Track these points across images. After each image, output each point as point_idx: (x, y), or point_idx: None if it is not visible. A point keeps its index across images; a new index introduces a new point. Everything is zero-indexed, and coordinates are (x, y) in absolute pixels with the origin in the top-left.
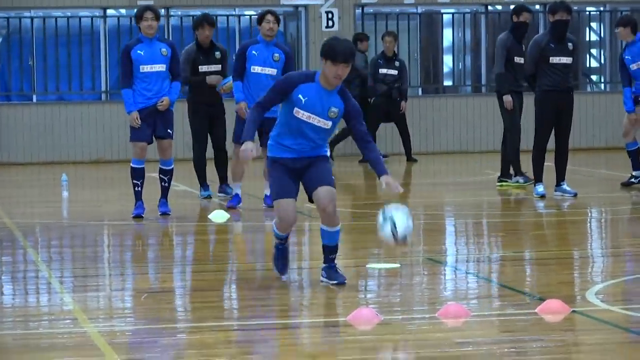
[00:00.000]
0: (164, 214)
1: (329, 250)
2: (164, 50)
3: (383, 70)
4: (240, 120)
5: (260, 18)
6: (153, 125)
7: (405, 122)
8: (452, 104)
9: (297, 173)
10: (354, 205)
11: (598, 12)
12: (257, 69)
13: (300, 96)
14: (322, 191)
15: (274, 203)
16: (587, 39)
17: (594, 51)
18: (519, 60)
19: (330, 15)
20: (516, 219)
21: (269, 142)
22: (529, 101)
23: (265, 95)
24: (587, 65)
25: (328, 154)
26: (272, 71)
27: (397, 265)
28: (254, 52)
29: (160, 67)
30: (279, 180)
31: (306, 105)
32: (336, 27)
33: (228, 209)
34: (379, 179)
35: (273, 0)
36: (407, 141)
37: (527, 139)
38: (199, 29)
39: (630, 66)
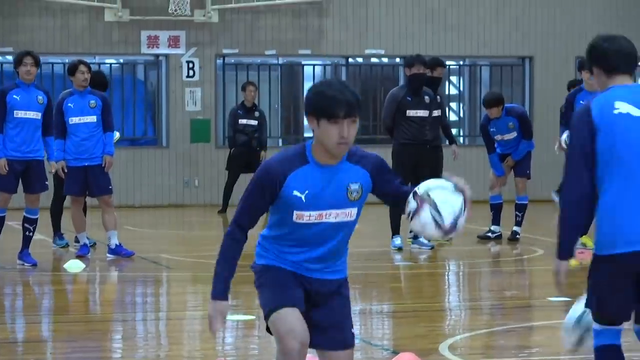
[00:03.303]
0: (34, 265)
1: None
2: (40, 98)
3: (243, 121)
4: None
5: (74, 69)
6: (23, 178)
7: None
8: None
9: (305, 291)
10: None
11: (458, 66)
12: (75, 119)
13: (296, 193)
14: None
15: (270, 321)
16: (447, 92)
17: (453, 105)
18: (412, 113)
19: (191, 65)
20: (374, 271)
21: (257, 247)
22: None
23: (238, 211)
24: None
25: (347, 274)
26: (92, 119)
27: (253, 317)
28: (69, 104)
29: (35, 115)
30: (274, 282)
31: (310, 202)
32: (197, 76)
33: (77, 257)
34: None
35: (134, 48)
36: None
37: None
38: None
39: (496, 137)
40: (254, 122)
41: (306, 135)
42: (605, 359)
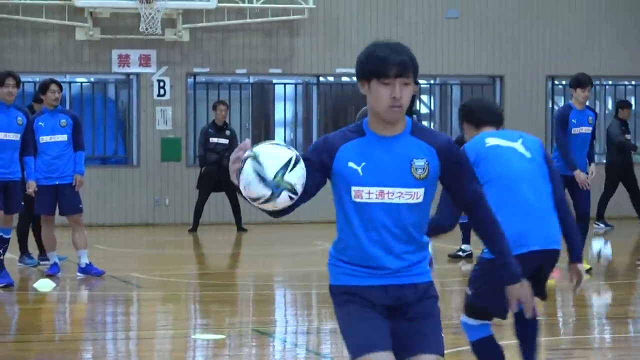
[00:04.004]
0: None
1: None
2: (20, 119)
3: (214, 139)
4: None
5: (45, 88)
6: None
7: (235, 192)
8: None
9: (385, 312)
10: (171, 275)
11: (428, 85)
12: (46, 138)
13: (351, 164)
14: None
15: None
16: (419, 109)
17: (424, 123)
18: None
19: (162, 84)
20: None
21: (328, 260)
22: None
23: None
24: None
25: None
26: (63, 137)
27: (224, 336)
28: (40, 123)
29: (14, 137)
30: (355, 319)
31: (368, 175)
32: (168, 95)
33: (47, 276)
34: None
35: (105, 67)
36: (237, 210)
37: None
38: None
39: None
40: (225, 141)
41: None
42: (485, 350)
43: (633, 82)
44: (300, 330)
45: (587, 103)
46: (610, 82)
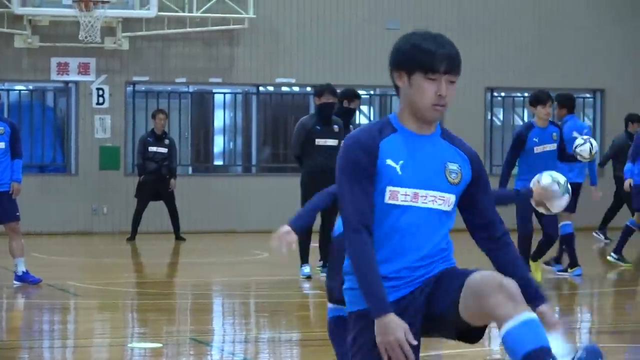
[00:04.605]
0: None
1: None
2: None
3: (152, 148)
4: None
5: None
6: None
7: (174, 201)
8: (222, 183)
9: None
10: (108, 283)
11: (368, 96)
12: None
13: (390, 162)
14: (478, 275)
15: None
16: (358, 121)
17: None
18: (321, 142)
19: (101, 92)
20: (282, 300)
21: (344, 285)
22: None
23: (347, 212)
24: None
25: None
26: (0, 145)
27: (161, 345)
28: None
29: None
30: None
31: (406, 174)
32: (107, 104)
33: None
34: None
35: (44, 75)
36: (175, 219)
37: None
38: None
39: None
40: (164, 150)
41: (216, 163)
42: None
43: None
44: (237, 339)
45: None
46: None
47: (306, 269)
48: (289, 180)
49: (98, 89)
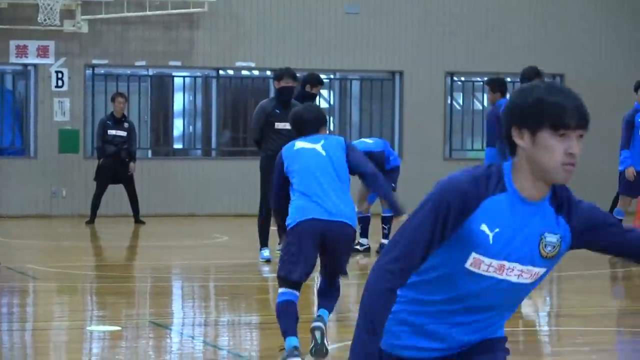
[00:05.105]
0: None
1: None
2: None
3: (112, 132)
4: None
5: None
6: None
7: (133, 184)
8: (181, 167)
9: None
10: (68, 266)
11: (328, 80)
12: None
13: (484, 228)
14: None
15: None
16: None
17: None
18: (281, 126)
19: (60, 75)
20: (242, 283)
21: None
22: None
23: (397, 250)
24: None
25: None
26: None
27: (120, 328)
28: None
29: None
30: None
31: (497, 246)
32: (66, 87)
33: None
34: None
35: (2, 58)
36: (134, 203)
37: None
38: None
39: None
40: (123, 133)
41: (176, 146)
42: (283, 308)
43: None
44: (197, 322)
45: None
46: (509, 80)
47: (265, 253)
48: (248, 163)
49: (57, 72)
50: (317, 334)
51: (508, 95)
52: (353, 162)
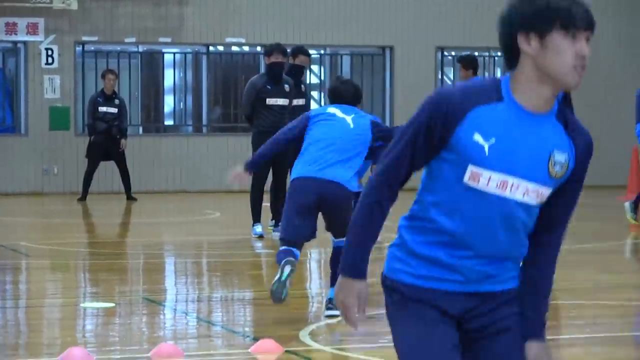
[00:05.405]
0: None
1: None
2: None
3: (102, 109)
4: None
5: None
6: None
7: (124, 161)
8: (172, 143)
9: (455, 325)
10: (60, 243)
11: (319, 55)
12: None
13: (477, 138)
14: None
15: None
16: (309, 81)
17: (314, 94)
18: (272, 101)
19: (50, 52)
20: (235, 259)
21: (390, 248)
22: None
23: (387, 160)
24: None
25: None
26: None
27: (113, 304)
28: None
29: None
30: (418, 334)
31: (495, 157)
32: (56, 64)
33: None
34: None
35: None
36: (126, 179)
37: None
38: None
39: None
40: (114, 110)
41: (167, 123)
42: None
43: None
44: (190, 299)
45: None
46: (499, 54)
47: (258, 228)
48: (239, 140)
49: (47, 49)
50: (286, 269)
51: (480, 73)
52: (383, 140)
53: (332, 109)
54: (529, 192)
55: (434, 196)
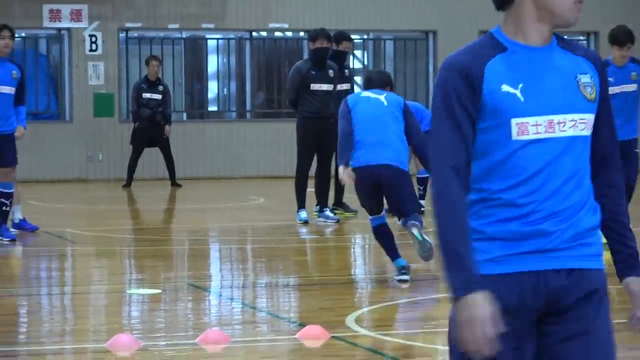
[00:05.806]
0: (12, 239)
1: None
2: (15, 72)
3: (147, 95)
4: None
5: None
6: None
7: (169, 147)
8: (216, 129)
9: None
10: (105, 230)
11: (362, 40)
12: None
13: (506, 88)
14: None
15: None
16: (352, 66)
17: (357, 79)
18: (317, 87)
19: (93, 39)
20: (279, 245)
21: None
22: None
23: (439, 148)
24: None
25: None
26: (11, 90)
27: (159, 291)
28: None
29: (9, 90)
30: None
31: (531, 99)
32: (99, 50)
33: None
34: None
35: (35, 22)
36: (171, 166)
37: None
38: None
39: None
40: (158, 96)
41: (211, 109)
42: (380, 233)
43: (582, 37)
44: (235, 285)
45: None
46: None
47: (303, 214)
48: (283, 125)
49: (91, 35)
50: (414, 230)
51: None
52: (406, 125)
53: (365, 93)
54: (577, 123)
55: (488, 172)
